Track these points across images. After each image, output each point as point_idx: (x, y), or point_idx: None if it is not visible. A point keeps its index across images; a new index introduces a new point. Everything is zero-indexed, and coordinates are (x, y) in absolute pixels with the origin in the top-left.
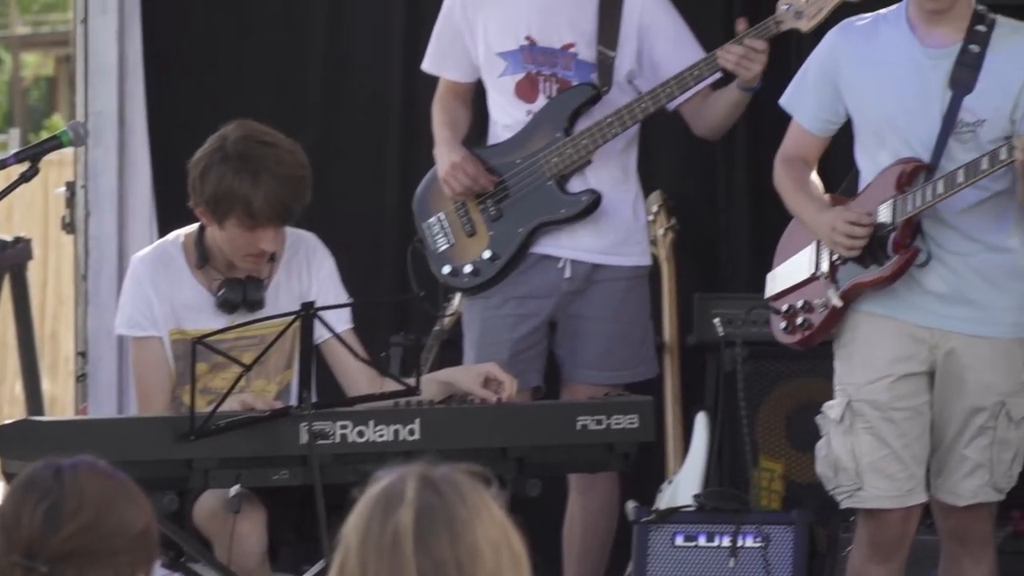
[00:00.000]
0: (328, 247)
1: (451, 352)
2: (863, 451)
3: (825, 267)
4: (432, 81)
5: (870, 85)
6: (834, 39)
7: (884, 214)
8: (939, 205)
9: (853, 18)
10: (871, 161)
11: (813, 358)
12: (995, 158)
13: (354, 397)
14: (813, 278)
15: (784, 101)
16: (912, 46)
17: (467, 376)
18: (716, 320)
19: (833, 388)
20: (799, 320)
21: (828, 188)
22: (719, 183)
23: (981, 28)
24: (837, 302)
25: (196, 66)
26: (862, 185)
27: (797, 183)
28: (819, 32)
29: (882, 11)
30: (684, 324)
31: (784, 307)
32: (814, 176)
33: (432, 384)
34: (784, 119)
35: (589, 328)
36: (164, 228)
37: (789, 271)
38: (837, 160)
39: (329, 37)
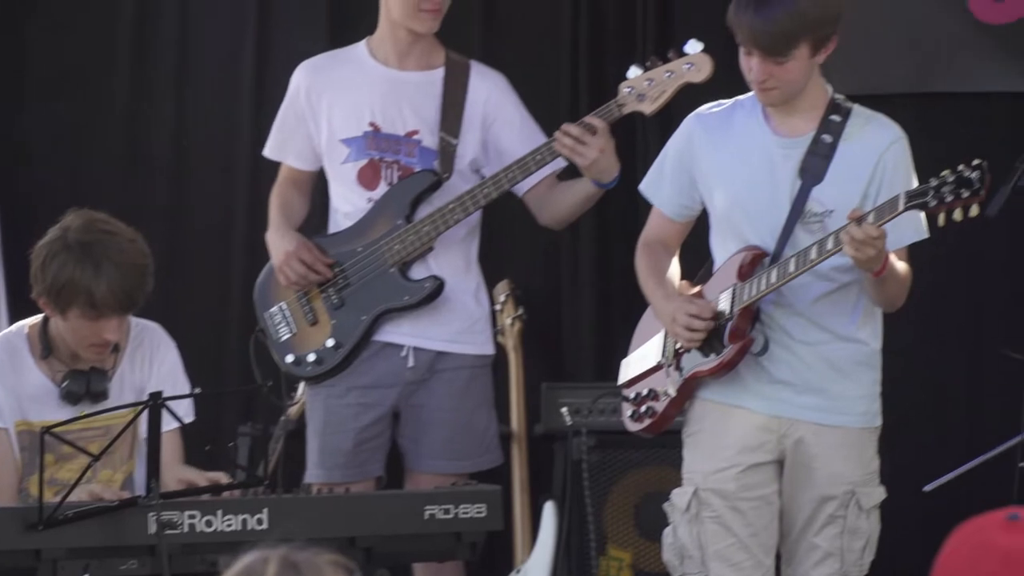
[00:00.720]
0: (172, 337)
1: (298, 442)
2: (709, 539)
3: (670, 355)
4: (278, 168)
5: (723, 173)
6: (690, 126)
7: (724, 303)
8: (790, 295)
9: (711, 104)
10: (723, 248)
11: (662, 447)
12: (823, 248)
13: (202, 487)
14: (659, 366)
15: (643, 187)
16: (765, 134)
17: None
18: (564, 409)
19: (681, 477)
20: (644, 408)
21: None
22: (564, 272)
23: (836, 118)
24: (673, 392)
25: (46, 152)
26: (714, 271)
27: (651, 269)
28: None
29: (740, 97)
30: (532, 413)
31: (632, 394)
32: (674, 262)
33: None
34: (628, 207)
35: (433, 417)
36: (15, 317)
37: (640, 358)
38: None
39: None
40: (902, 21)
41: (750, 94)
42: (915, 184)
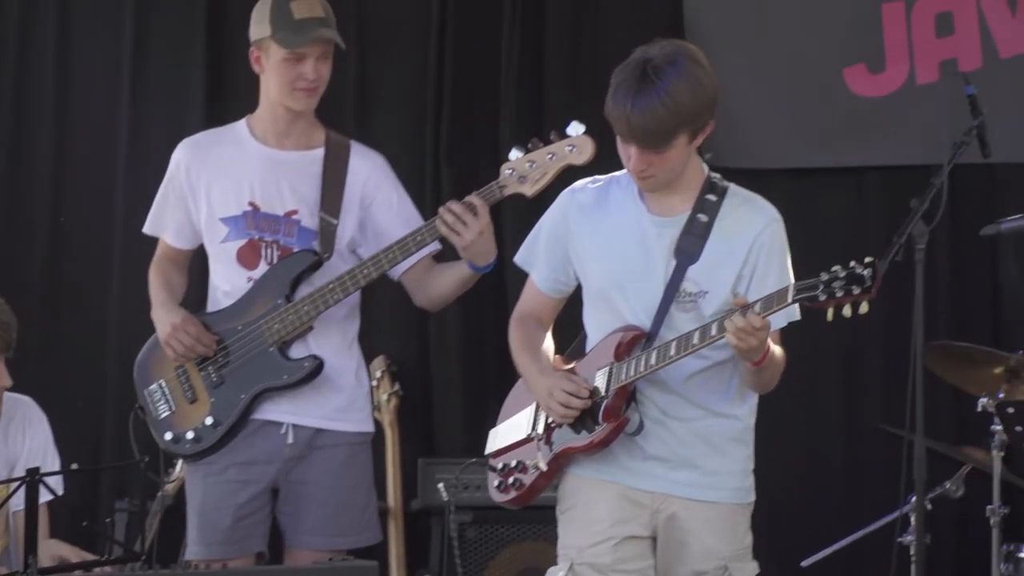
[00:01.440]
0: (48, 412)
1: (177, 518)
2: None
3: (541, 429)
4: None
5: (598, 249)
6: (566, 201)
7: (599, 381)
8: (664, 372)
9: (587, 180)
10: (597, 325)
11: (538, 522)
12: (706, 333)
13: (78, 563)
14: (529, 439)
15: (519, 259)
16: (640, 212)
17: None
18: (440, 485)
19: (557, 553)
20: (511, 479)
21: None
22: (434, 347)
23: (712, 197)
24: (543, 466)
25: None
26: (588, 347)
27: (525, 343)
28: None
29: (616, 173)
30: (408, 489)
31: (500, 465)
32: (548, 337)
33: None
34: (497, 280)
35: (312, 494)
36: None
37: (509, 429)
38: None
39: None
40: (780, 95)
41: (626, 171)
42: (790, 267)
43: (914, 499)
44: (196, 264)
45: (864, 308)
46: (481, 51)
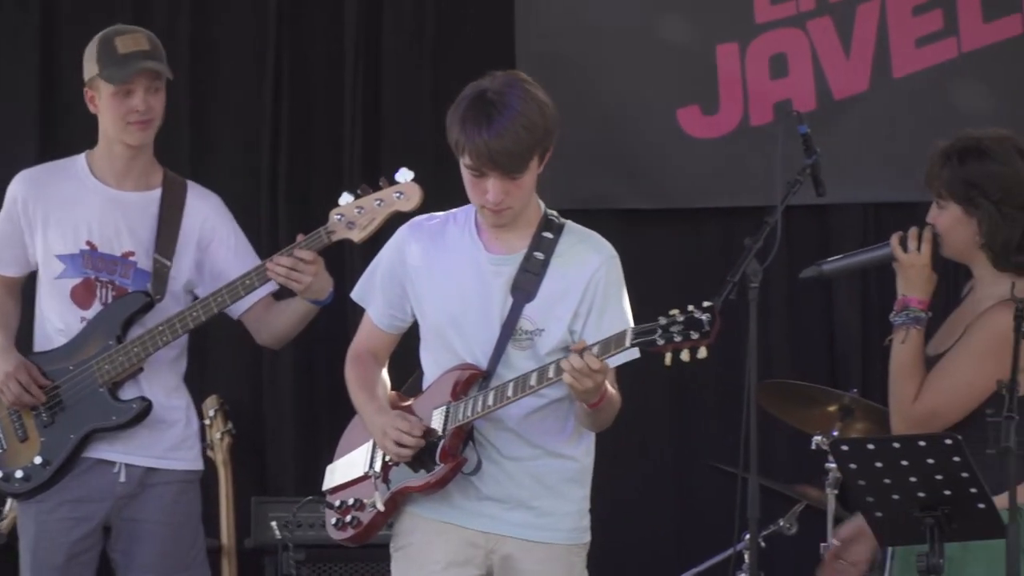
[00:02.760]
0: None
1: (9, 556)
2: None
3: (378, 467)
4: None
5: (434, 287)
6: (403, 237)
7: (436, 421)
8: (500, 411)
9: (424, 216)
10: (434, 362)
11: (372, 560)
12: (543, 375)
13: None
14: (366, 476)
15: (355, 295)
16: (477, 250)
17: None
18: (273, 523)
19: None
20: (349, 517)
21: None
22: (266, 387)
23: (548, 235)
24: (380, 506)
25: None
26: (425, 385)
27: (361, 380)
28: None
29: (454, 211)
30: (242, 528)
31: (337, 502)
32: (384, 373)
33: None
34: (334, 314)
35: (144, 531)
36: None
37: (346, 465)
38: None
39: None
40: (614, 135)
41: (464, 208)
42: (627, 304)
43: (748, 537)
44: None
45: (702, 353)
46: (319, 87)
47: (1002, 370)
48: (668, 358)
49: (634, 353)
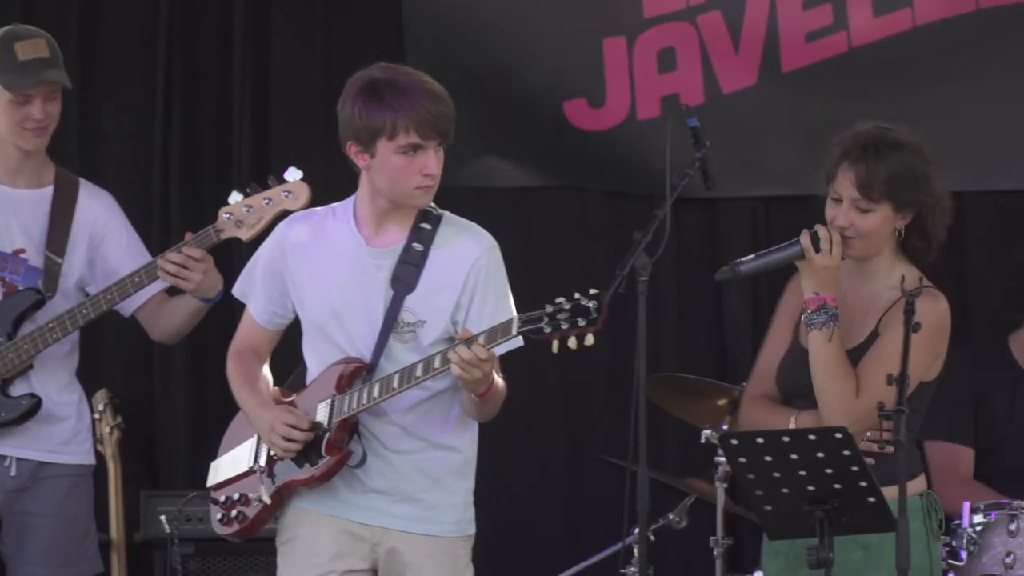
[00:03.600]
0: None
1: None
2: None
3: (263, 462)
4: None
5: (315, 281)
6: (282, 233)
7: (321, 414)
8: (385, 404)
9: (304, 212)
10: (317, 357)
11: (260, 554)
12: (429, 366)
13: None
14: (251, 471)
15: (236, 290)
16: (357, 243)
17: None
18: (162, 517)
19: None
20: (234, 512)
21: None
22: (157, 382)
23: (426, 226)
24: (267, 499)
25: None
26: (308, 380)
27: (244, 376)
28: None
29: (333, 205)
30: (131, 521)
31: (222, 497)
32: (265, 369)
33: None
34: (224, 316)
35: (35, 524)
36: None
37: (231, 461)
38: None
39: None
40: (500, 127)
41: (343, 203)
42: (508, 294)
43: (637, 530)
44: None
45: (590, 340)
46: (208, 82)
47: (935, 357)
48: (555, 346)
49: (518, 341)
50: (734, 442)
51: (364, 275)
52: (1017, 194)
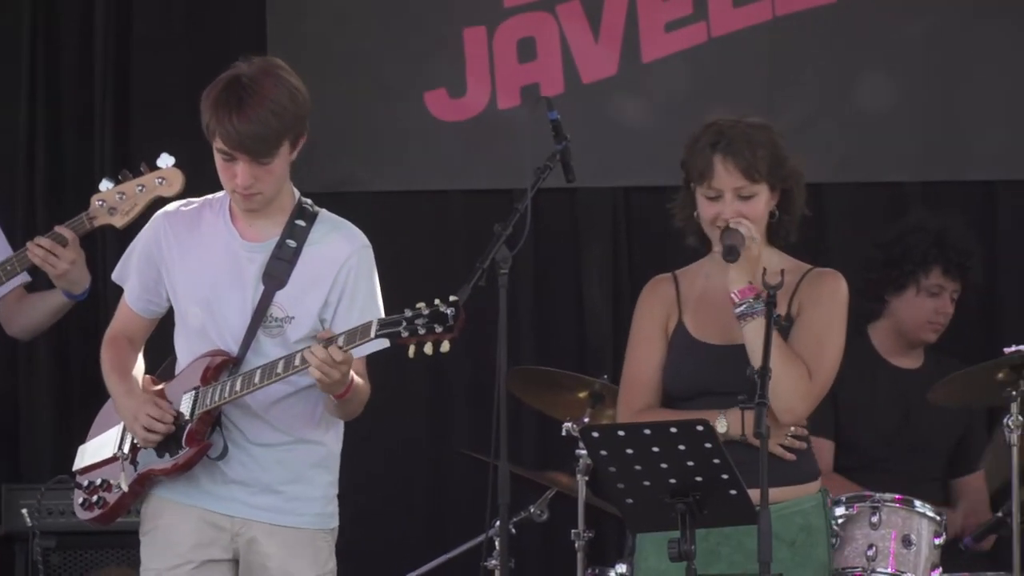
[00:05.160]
0: None
1: None
2: None
3: (127, 449)
4: None
5: (189, 272)
6: (159, 222)
7: (185, 405)
8: (249, 397)
9: (181, 202)
10: (187, 347)
11: (122, 546)
12: (290, 363)
13: None
14: (115, 458)
15: (115, 276)
16: (232, 237)
17: None
18: (24, 511)
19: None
20: (95, 497)
21: None
22: (22, 374)
23: (301, 223)
24: (125, 487)
25: None
26: (177, 370)
27: (115, 363)
28: None
29: (210, 196)
30: None
31: (85, 482)
32: (139, 358)
33: None
34: (91, 308)
35: None
36: None
37: (97, 447)
38: None
39: None
40: (362, 118)
41: (219, 194)
42: (378, 294)
43: (498, 523)
44: None
45: (446, 347)
46: (71, 76)
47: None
48: (412, 350)
49: (384, 343)
50: (595, 435)
51: (237, 268)
52: (874, 186)
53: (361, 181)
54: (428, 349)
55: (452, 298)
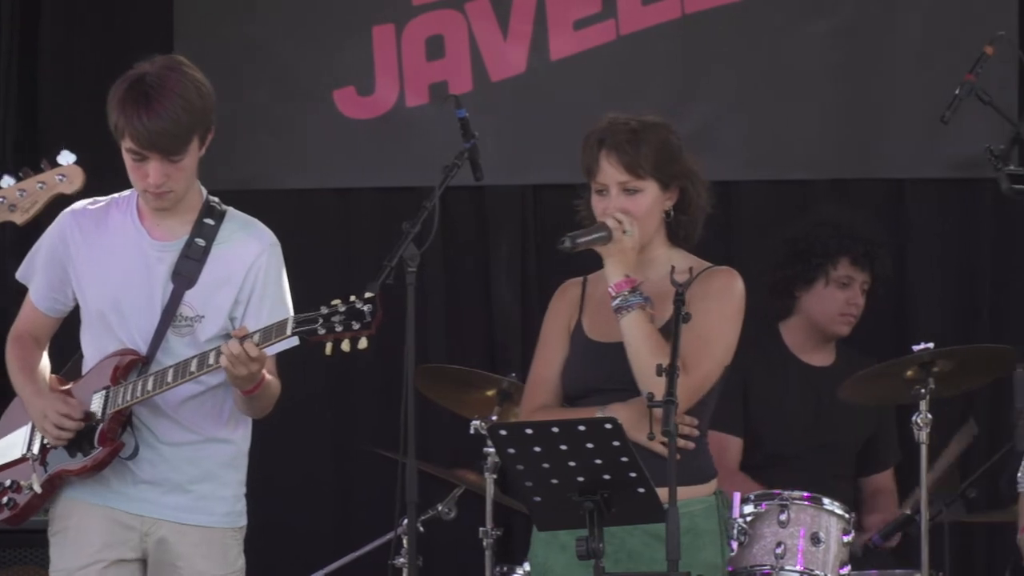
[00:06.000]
0: None
1: None
2: None
3: (36, 450)
4: None
5: (97, 271)
6: (65, 221)
7: (96, 405)
8: (158, 396)
9: (88, 201)
10: (95, 346)
11: (30, 546)
12: (203, 362)
13: None
14: (24, 459)
15: (19, 274)
16: (140, 235)
17: None
18: None
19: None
20: (5, 499)
21: None
22: None
23: (209, 221)
24: (37, 488)
25: None
26: (85, 369)
27: (21, 362)
28: None
29: (117, 195)
30: None
31: None
32: (44, 356)
33: None
34: None
35: None
36: None
37: (5, 447)
38: None
39: None
40: (272, 117)
41: (125, 193)
42: (287, 292)
43: (407, 521)
44: None
45: (363, 344)
46: None
47: (738, 332)
48: (329, 347)
49: (293, 341)
50: (503, 433)
51: (146, 267)
52: (783, 183)
53: (271, 179)
54: (345, 346)
55: (368, 294)
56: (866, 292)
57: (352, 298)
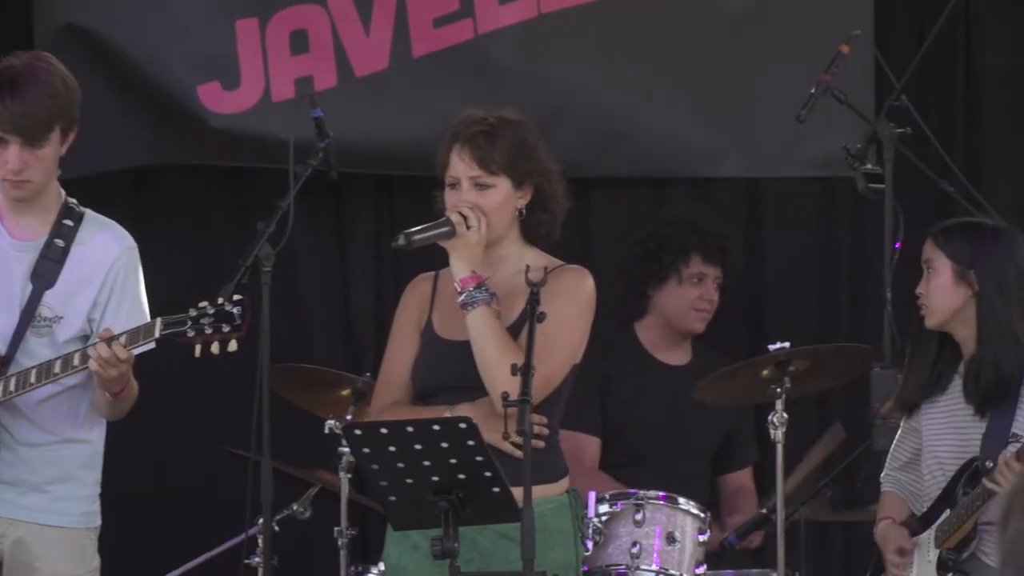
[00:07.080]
0: None
1: None
2: None
3: None
4: None
5: None
6: None
7: None
8: (16, 397)
9: None
10: None
11: None
12: (68, 363)
13: None
14: None
15: None
16: (0, 236)
17: None
18: None
19: None
20: None
21: None
22: None
23: (68, 222)
24: None
25: None
26: None
27: None
28: None
29: None
30: None
31: None
32: None
33: None
34: None
35: None
36: None
37: None
38: None
39: None
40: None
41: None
42: (143, 293)
43: (261, 521)
44: None
45: (233, 346)
46: None
47: (586, 336)
48: (198, 350)
49: (150, 344)
50: (357, 432)
51: (5, 267)
52: (639, 182)
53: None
54: (215, 348)
55: (237, 297)
56: (719, 287)
57: (220, 300)
